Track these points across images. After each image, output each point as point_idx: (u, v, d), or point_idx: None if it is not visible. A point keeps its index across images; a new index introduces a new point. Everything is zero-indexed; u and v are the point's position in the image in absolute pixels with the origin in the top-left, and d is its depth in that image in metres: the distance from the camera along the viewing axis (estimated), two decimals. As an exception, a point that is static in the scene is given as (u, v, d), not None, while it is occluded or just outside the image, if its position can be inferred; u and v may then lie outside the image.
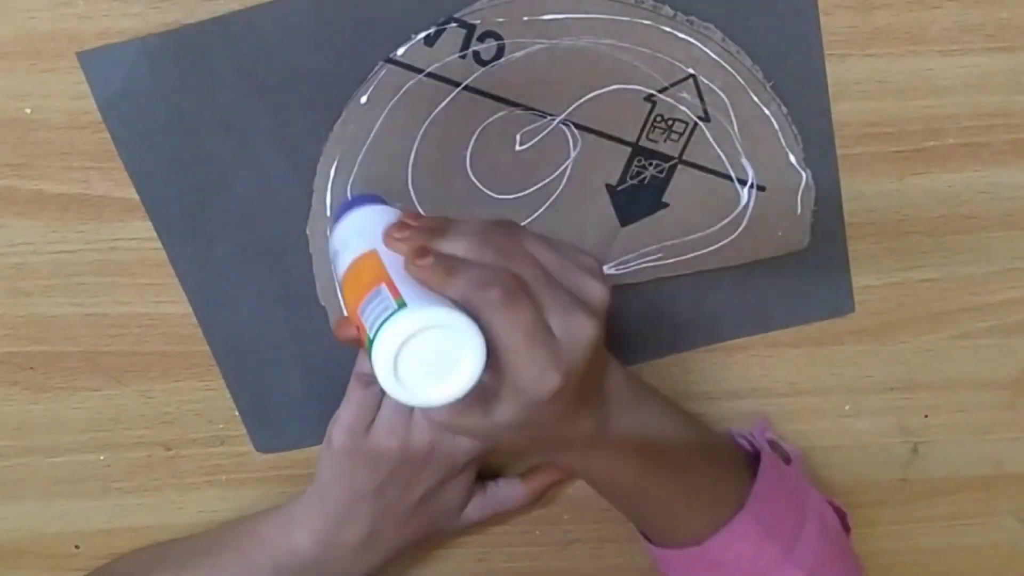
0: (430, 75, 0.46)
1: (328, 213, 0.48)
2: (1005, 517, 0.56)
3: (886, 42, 0.47)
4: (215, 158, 0.46)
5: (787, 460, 0.50)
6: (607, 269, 0.50)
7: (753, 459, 0.50)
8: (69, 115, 0.46)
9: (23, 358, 0.51)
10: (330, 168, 0.47)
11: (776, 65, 0.47)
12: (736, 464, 0.49)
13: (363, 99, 0.46)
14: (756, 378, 0.53)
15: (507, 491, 0.53)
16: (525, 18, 0.45)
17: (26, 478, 0.53)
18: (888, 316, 0.52)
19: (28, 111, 0.46)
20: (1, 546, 0.55)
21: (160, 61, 0.45)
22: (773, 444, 0.51)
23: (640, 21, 0.46)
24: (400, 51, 0.45)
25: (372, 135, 0.46)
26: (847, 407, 0.53)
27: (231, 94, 0.45)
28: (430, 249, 0.36)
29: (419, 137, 0.47)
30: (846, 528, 0.51)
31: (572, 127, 0.47)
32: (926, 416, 0.54)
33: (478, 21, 0.45)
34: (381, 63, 0.45)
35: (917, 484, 0.55)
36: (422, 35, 0.45)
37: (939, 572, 0.57)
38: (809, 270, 0.50)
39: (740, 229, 0.49)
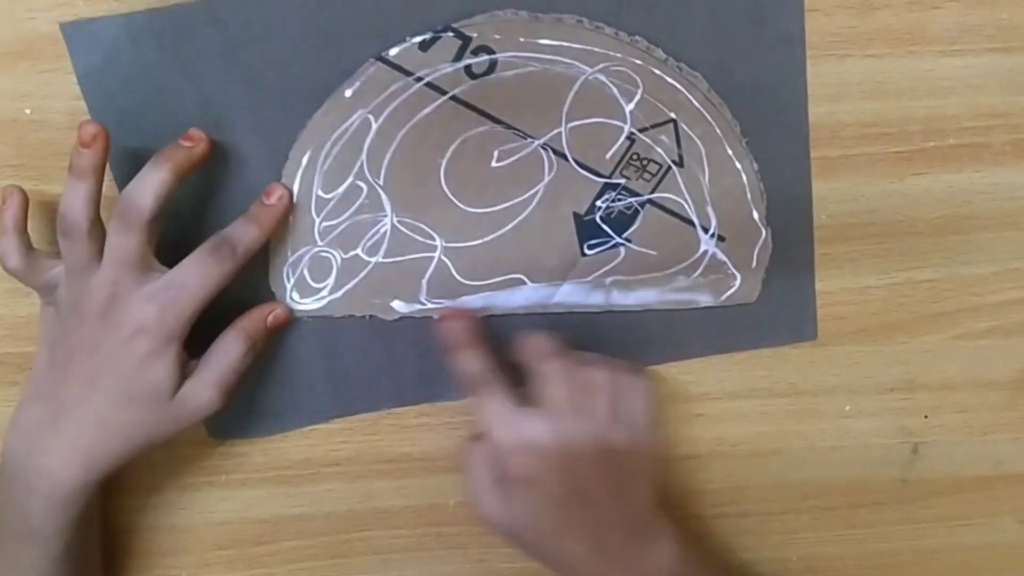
0: (419, 80, 0.46)
1: (295, 200, 0.48)
2: (1005, 517, 0.56)
3: (886, 42, 0.47)
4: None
5: None
6: (558, 298, 0.50)
7: None
8: (69, 115, 0.46)
9: (23, 358, 0.51)
10: (302, 156, 0.47)
11: (759, 118, 0.48)
12: None
13: (347, 92, 0.46)
14: (756, 378, 0.53)
15: (219, 347, 0.46)
16: (521, 38, 0.46)
17: (26, 478, 0.53)
18: (888, 316, 0.52)
19: (28, 111, 0.46)
20: (1, 546, 0.55)
21: (143, 38, 0.45)
22: None
23: (632, 60, 0.46)
24: (393, 51, 0.46)
25: (351, 130, 0.47)
26: (847, 407, 0.53)
27: (213, 76, 0.45)
28: None
29: (398, 139, 0.47)
30: None
31: (550, 151, 0.48)
32: (926, 416, 0.54)
33: (475, 34, 0.45)
34: (372, 60, 0.46)
35: (917, 484, 0.55)
36: (418, 39, 0.45)
37: (939, 572, 0.57)
38: (777, 297, 0.51)
39: (695, 275, 0.50)
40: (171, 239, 0.46)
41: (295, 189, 0.48)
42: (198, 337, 0.46)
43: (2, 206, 0.46)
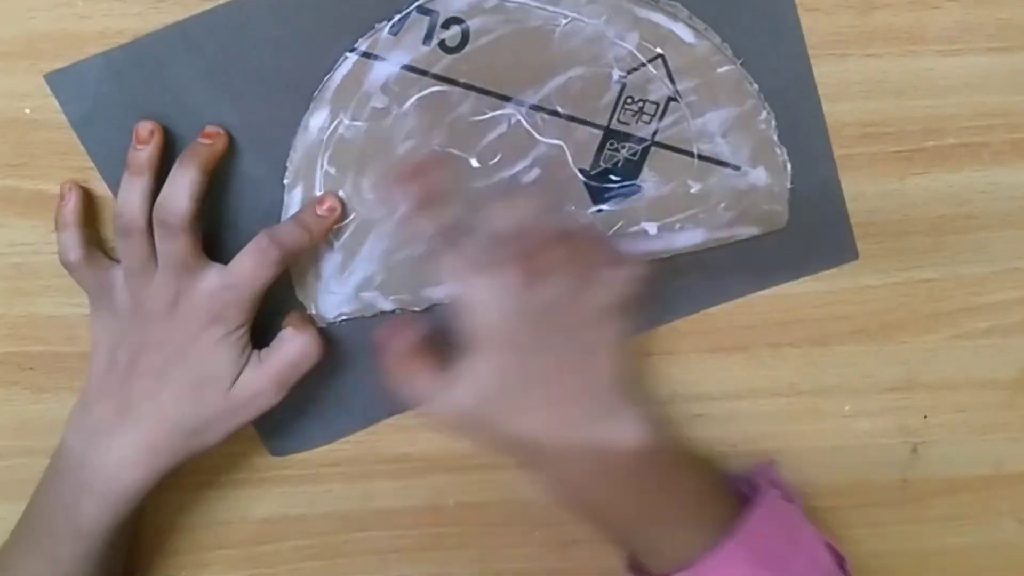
0: (395, 65, 0.46)
1: (300, 204, 0.48)
2: (1005, 517, 0.56)
3: (886, 42, 0.47)
4: None
5: (789, 499, 0.49)
6: None
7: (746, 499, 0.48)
8: (69, 115, 0.46)
9: (23, 358, 0.51)
10: (300, 162, 0.47)
11: (748, 35, 0.46)
12: (723, 488, 0.48)
13: (329, 92, 0.46)
14: (756, 378, 0.53)
15: (283, 343, 0.47)
16: (489, 3, 0.45)
17: (26, 478, 0.53)
18: (888, 316, 0.52)
19: (28, 111, 0.46)
20: (1, 546, 0.55)
21: (126, 73, 0.45)
22: (775, 484, 0.50)
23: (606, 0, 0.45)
24: (365, 43, 0.45)
25: (340, 128, 0.46)
26: (847, 407, 0.53)
27: (200, 98, 0.46)
28: None
29: (388, 128, 0.47)
30: (844, 573, 0.49)
31: (544, 113, 0.47)
32: (926, 416, 0.54)
33: (439, 8, 0.45)
34: (346, 55, 0.45)
35: (917, 484, 0.55)
36: (387, 25, 0.45)
37: (939, 572, 0.57)
38: (807, 220, 0.49)
39: (717, 210, 0.49)
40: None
41: (298, 196, 0.47)
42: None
43: (61, 201, 0.46)
